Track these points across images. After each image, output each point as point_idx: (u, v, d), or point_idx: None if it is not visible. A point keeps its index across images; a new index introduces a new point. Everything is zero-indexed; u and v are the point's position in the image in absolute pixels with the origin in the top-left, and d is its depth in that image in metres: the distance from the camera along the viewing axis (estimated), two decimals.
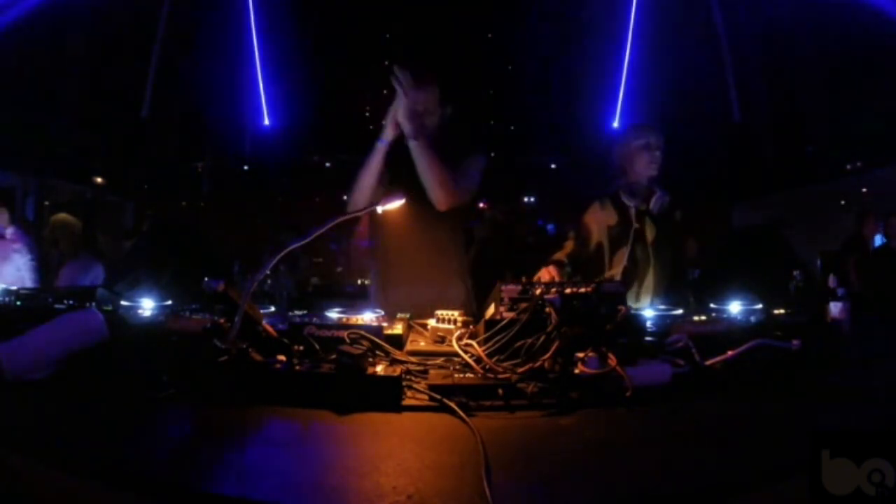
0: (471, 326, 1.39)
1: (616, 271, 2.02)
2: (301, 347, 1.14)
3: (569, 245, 2.16)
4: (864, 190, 5.72)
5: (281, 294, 3.15)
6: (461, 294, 1.96)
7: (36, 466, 0.75)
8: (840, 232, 4.80)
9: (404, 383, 1.02)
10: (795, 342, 1.21)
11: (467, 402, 0.95)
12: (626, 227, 2.04)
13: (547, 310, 1.15)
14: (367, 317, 1.38)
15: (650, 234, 2.03)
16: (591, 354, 1.01)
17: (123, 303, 1.56)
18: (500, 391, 0.98)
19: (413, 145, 1.79)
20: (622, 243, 2.03)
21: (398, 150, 2.01)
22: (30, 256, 3.44)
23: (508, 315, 1.23)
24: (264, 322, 1.16)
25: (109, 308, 1.51)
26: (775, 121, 5.85)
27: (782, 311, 1.51)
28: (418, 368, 1.13)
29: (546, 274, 1.91)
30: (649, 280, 2.03)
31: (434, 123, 1.94)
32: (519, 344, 1.13)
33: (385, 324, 1.34)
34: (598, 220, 2.11)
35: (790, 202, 6.16)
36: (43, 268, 3.60)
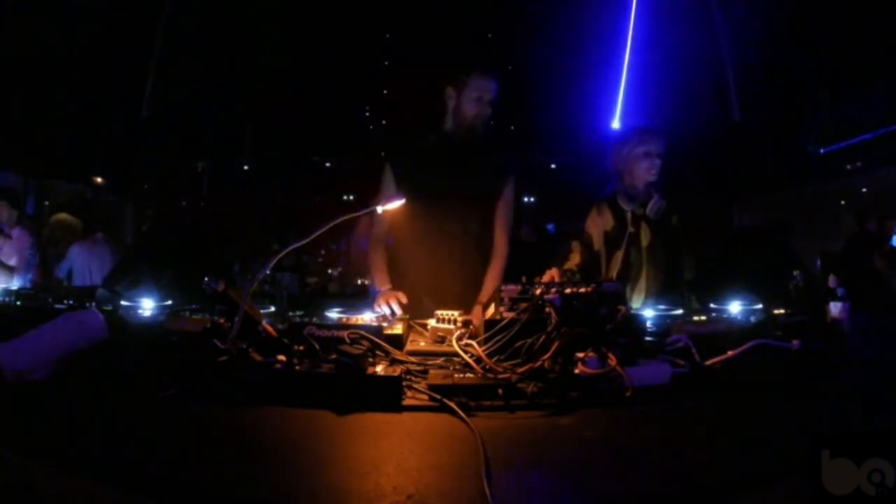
0: (471, 326, 1.39)
1: (611, 275, 2.02)
2: (301, 347, 1.14)
3: (575, 257, 2.15)
4: (865, 190, 5.72)
5: (281, 294, 3.15)
6: (468, 299, 1.95)
7: (36, 466, 0.74)
8: (840, 232, 4.80)
9: (404, 383, 1.02)
10: (795, 342, 1.21)
11: (467, 402, 0.95)
12: (622, 231, 2.04)
13: (547, 310, 1.15)
14: (367, 317, 1.38)
15: (645, 238, 2.03)
16: (591, 354, 1.01)
17: (123, 303, 1.56)
18: (500, 391, 0.98)
19: None
20: (618, 247, 2.03)
21: (409, 155, 2.01)
22: (31, 252, 3.46)
23: (508, 315, 1.23)
24: (264, 322, 1.17)
25: (109, 308, 1.51)
26: (775, 121, 5.86)
27: (782, 311, 1.51)
28: (418, 368, 1.13)
29: (547, 275, 1.91)
30: (642, 284, 2.03)
31: (489, 116, 1.94)
32: (519, 344, 1.13)
33: (385, 324, 1.34)
34: (597, 225, 2.12)
35: (790, 202, 6.16)
36: (42, 267, 3.61)
